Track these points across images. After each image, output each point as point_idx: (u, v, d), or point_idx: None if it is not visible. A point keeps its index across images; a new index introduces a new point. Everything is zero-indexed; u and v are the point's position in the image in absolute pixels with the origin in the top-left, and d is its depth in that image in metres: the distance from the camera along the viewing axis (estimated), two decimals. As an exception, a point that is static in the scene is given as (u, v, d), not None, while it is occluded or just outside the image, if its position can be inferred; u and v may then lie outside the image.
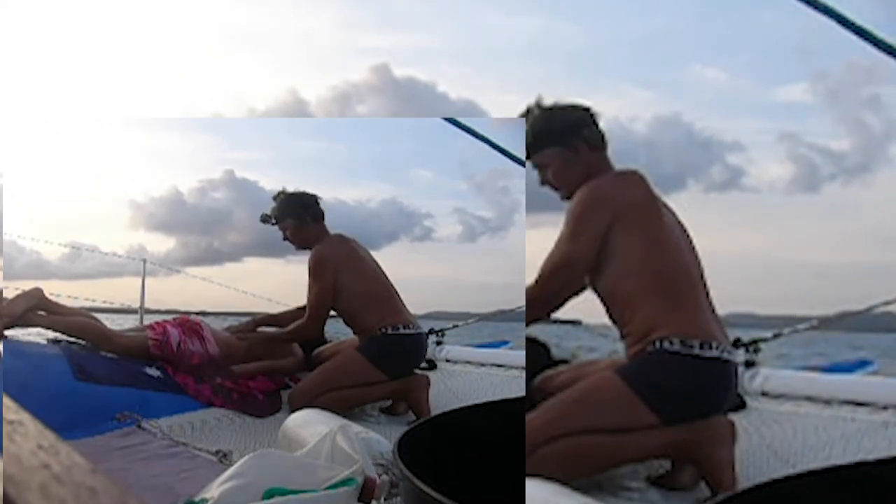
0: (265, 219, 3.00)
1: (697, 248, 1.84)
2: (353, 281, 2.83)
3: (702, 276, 1.80)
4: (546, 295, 1.80)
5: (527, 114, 1.91)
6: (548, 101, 1.91)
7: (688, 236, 1.84)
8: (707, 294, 1.78)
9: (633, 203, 1.74)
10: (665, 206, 1.84)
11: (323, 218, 2.98)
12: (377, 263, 3.01)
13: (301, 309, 3.17)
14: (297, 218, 2.93)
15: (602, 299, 1.80)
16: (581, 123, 1.87)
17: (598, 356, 2.33)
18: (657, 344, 1.63)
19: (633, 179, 1.81)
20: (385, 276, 2.99)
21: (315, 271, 2.81)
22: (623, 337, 1.76)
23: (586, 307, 1.88)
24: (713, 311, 1.76)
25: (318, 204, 2.97)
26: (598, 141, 1.88)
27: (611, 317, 1.79)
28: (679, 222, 1.85)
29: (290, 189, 3.02)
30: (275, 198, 3.00)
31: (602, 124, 1.90)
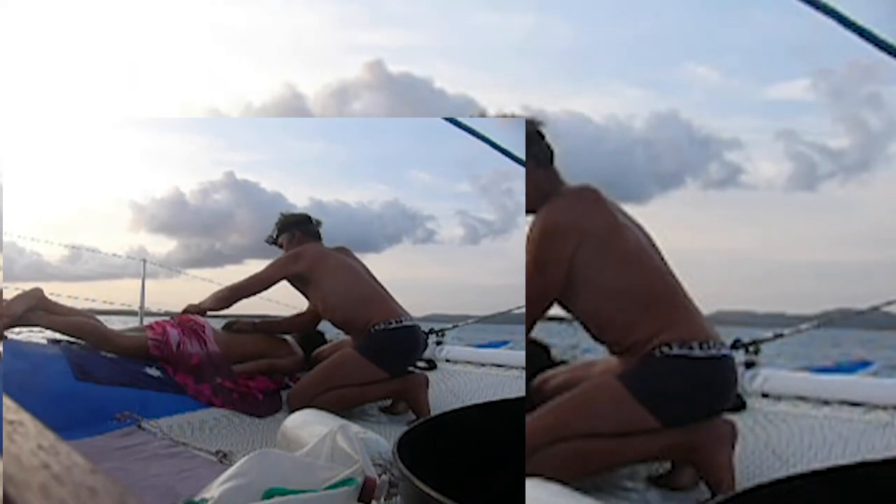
0: (270, 240, 3.20)
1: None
2: (333, 282, 2.90)
3: (674, 277, 1.78)
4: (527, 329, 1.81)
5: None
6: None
7: (651, 240, 1.83)
8: (684, 292, 1.77)
9: (592, 227, 1.71)
10: (623, 215, 1.82)
11: (317, 235, 3.14)
12: (365, 268, 3.08)
13: (299, 315, 3.19)
14: (289, 234, 3.12)
15: (580, 320, 1.78)
16: (528, 143, 1.83)
17: (594, 355, 2.33)
18: (657, 351, 1.63)
19: (589, 200, 1.76)
20: (373, 278, 3.04)
21: (276, 260, 3.01)
22: (612, 351, 1.76)
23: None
24: (695, 307, 1.76)
25: (310, 221, 3.16)
26: (545, 157, 1.83)
27: (591, 334, 1.78)
28: (639, 227, 1.84)
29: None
30: None
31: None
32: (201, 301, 3.05)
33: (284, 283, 3.00)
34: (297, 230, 3.11)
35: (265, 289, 2.98)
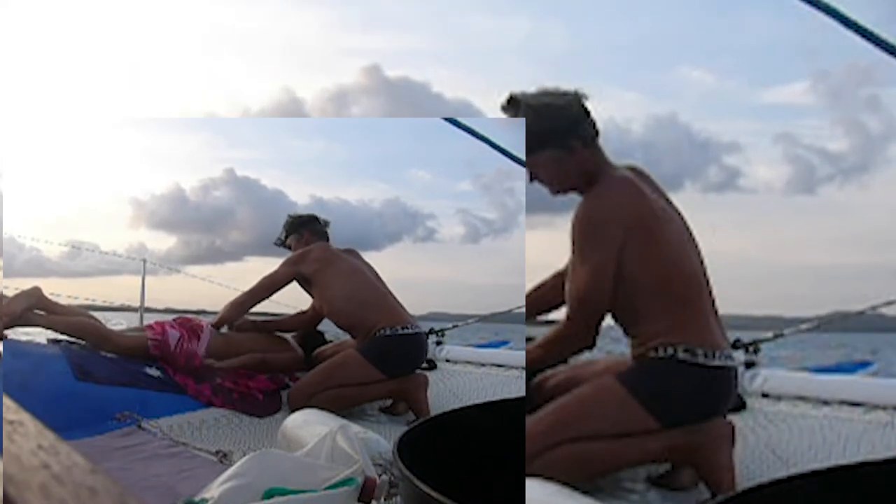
0: (278, 242, 3.23)
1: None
2: (339, 284, 2.91)
3: (707, 279, 1.76)
4: (581, 329, 1.71)
5: (509, 103, 1.76)
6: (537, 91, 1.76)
7: (692, 235, 1.80)
8: (711, 296, 1.75)
9: (638, 220, 1.66)
10: (669, 204, 1.79)
11: (325, 236, 3.16)
12: (373, 270, 3.08)
13: (301, 314, 3.20)
14: (297, 234, 3.15)
15: (611, 308, 1.74)
16: (576, 121, 1.74)
17: (592, 356, 2.33)
18: (661, 351, 1.63)
19: (634, 192, 1.70)
20: (379, 279, 3.05)
21: (287, 259, 3.03)
22: (629, 337, 1.75)
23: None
24: (716, 313, 1.74)
25: (317, 221, 3.19)
26: (591, 136, 1.76)
27: (617, 321, 1.76)
28: (683, 220, 1.80)
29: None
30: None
31: (598, 124, 1.79)
32: (220, 314, 3.03)
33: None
34: (305, 231, 3.14)
35: (278, 289, 2.99)
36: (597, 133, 1.77)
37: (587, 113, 1.77)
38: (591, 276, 1.67)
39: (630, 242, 1.65)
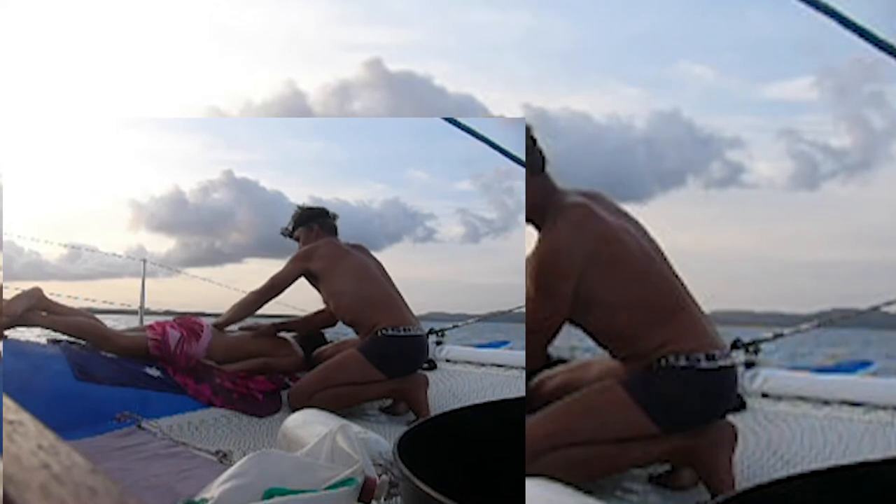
0: (285, 233, 3.20)
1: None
2: (344, 281, 2.89)
3: (679, 280, 1.76)
4: (532, 355, 1.79)
5: None
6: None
7: (653, 243, 1.79)
8: (690, 296, 1.75)
9: (597, 248, 1.67)
10: (623, 219, 1.78)
11: (334, 230, 3.14)
12: (381, 268, 3.07)
13: (319, 313, 3.18)
14: (307, 227, 3.12)
15: (590, 334, 1.76)
16: (525, 151, 1.76)
17: (591, 355, 2.33)
18: (664, 361, 1.63)
19: (586, 221, 1.69)
20: (386, 276, 3.03)
21: (295, 256, 3.00)
22: (620, 359, 1.75)
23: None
24: (700, 311, 1.74)
25: (327, 215, 3.16)
26: (539, 164, 1.77)
27: (601, 345, 1.77)
28: (640, 228, 1.80)
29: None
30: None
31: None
32: (226, 314, 3.02)
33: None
34: (315, 224, 3.12)
35: (287, 286, 2.97)
36: (545, 161, 1.78)
37: (534, 141, 1.78)
38: (547, 314, 1.70)
39: (593, 271, 1.66)
